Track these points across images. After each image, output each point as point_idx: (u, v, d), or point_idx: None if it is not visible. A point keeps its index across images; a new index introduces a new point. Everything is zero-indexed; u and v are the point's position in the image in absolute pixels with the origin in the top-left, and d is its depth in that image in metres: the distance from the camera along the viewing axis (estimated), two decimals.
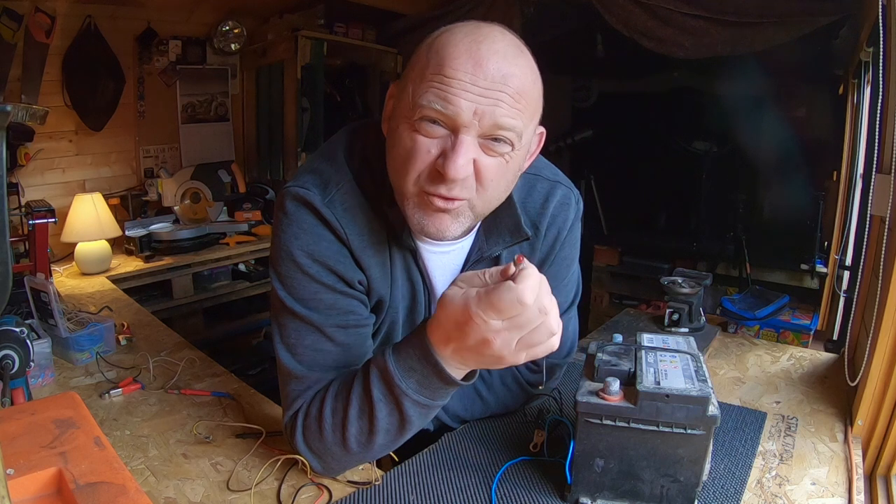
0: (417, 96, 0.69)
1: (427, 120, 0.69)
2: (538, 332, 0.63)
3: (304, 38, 2.78)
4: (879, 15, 1.12)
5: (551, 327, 0.64)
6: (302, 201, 0.78)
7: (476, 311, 0.62)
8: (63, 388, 1.16)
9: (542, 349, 0.65)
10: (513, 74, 0.68)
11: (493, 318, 0.62)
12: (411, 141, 0.70)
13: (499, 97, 0.67)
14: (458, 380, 0.71)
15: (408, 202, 0.74)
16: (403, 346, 0.73)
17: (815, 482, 0.85)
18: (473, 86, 0.67)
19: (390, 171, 0.77)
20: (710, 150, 3.38)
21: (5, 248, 0.49)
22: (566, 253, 0.94)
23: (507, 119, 0.68)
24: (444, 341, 0.68)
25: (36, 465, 0.62)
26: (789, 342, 2.29)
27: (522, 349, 0.64)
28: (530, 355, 0.65)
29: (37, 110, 0.86)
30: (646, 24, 2.33)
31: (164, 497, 0.81)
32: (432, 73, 0.68)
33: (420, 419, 0.76)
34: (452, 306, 0.65)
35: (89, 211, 2.15)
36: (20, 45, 2.16)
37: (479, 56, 0.67)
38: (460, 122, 0.67)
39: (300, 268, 0.78)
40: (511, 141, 0.71)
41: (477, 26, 0.70)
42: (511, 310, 0.61)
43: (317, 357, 0.80)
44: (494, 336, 0.63)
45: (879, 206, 1.09)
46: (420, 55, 0.72)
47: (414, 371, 0.71)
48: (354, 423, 0.76)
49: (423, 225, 0.75)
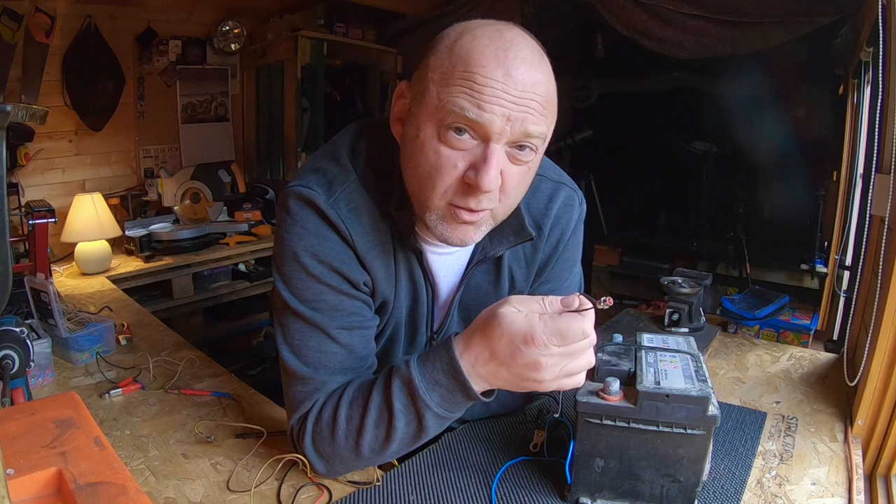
0: (445, 100, 0.67)
1: (454, 129, 0.68)
2: (580, 364, 0.68)
3: (304, 38, 2.78)
4: (879, 15, 1.12)
5: (590, 362, 0.70)
6: (306, 201, 0.77)
7: (541, 335, 0.64)
8: (63, 388, 1.16)
9: (574, 381, 0.69)
10: (539, 82, 0.68)
11: (555, 344, 0.65)
12: (436, 154, 0.69)
13: (529, 105, 0.67)
14: (480, 395, 0.72)
15: (431, 214, 0.74)
16: (429, 359, 0.73)
17: (815, 482, 0.85)
18: (506, 94, 0.66)
19: (409, 181, 0.76)
20: (710, 150, 3.38)
21: (5, 248, 0.49)
22: (569, 254, 0.94)
23: (535, 127, 0.69)
24: (484, 359, 0.69)
25: (36, 465, 0.62)
26: (789, 342, 2.29)
27: (562, 377, 0.68)
28: (561, 385, 0.68)
29: (37, 110, 0.86)
30: (646, 24, 2.33)
31: (164, 497, 0.81)
32: (460, 78, 0.67)
33: (435, 430, 0.76)
34: (513, 326, 0.66)
35: (89, 211, 2.15)
36: (20, 45, 2.16)
37: (508, 64, 0.66)
38: (493, 130, 0.67)
39: (305, 268, 0.78)
40: (536, 147, 0.71)
41: (499, 30, 0.69)
42: (575, 339, 0.65)
43: (321, 359, 0.80)
44: (547, 360, 0.65)
45: (879, 206, 1.09)
46: (441, 57, 0.70)
47: (439, 385, 0.72)
48: (371, 431, 0.75)
49: (447, 236, 0.75)
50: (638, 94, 3.76)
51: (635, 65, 3.22)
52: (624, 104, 3.82)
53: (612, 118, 3.81)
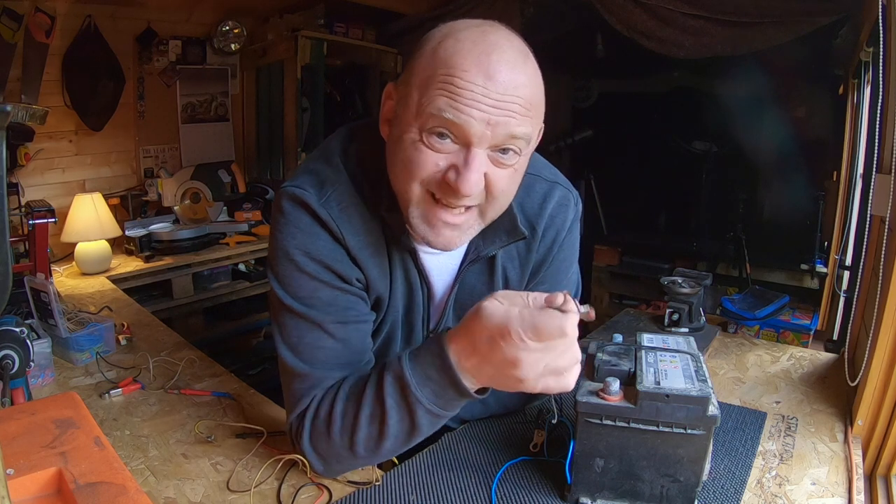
0: (426, 104, 0.67)
1: (436, 133, 0.68)
2: (560, 364, 0.64)
3: (304, 38, 2.78)
4: (879, 15, 1.12)
5: (573, 364, 0.65)
6: (298, 201, 0.78)
7: (517, 329, 0.62)
8: (63, 388, 1.16)
9: (560, 383, 0.65)
10: (522, 84, 0.68)
11: (531, 340, 0.62)
12: (417, 152, 0.69)
13: (511, 108, 0.67)
14: (472, 392, 0.71)
15: (413, 210, 0.74)
16: (421, 354, 0.73)
17: (815, 482, 0.85)
18: (485, 98, 0.66)
19: (393, 180, 0.76)
20: (710, 150, 3.38)
21: (5, 248, 0.49)
22: (565, 255, 0.94)
23: (518, 129, 0.68)
24: (468, 353, 0.68)
25: (36, 465, 0.62)
26: (789, 342, 2.29)
27: (546, 376, 0.65)
28: (548, 386, 0.65)
29: (37, 110, 0.86)
30: (646, 24, 2.33)
31: (164, 497, 0.81)
32: (441, 81, 0.67)
33: (429, 428, 0.76)
34: (491, 319, 0.65)
35: (89, 211, 2.15)
36: (20, 45, 2.16)
37: (490, 67, 0.66)
38: (472, 133, 0.67)
39: (297, 266, 0.78)
40: (520, 149, 0.71)
41: (482, 32, 0.69)
42: (551, 336, 0.62)
43: (318, 354, 0.80)
44: (526, 357, 0.63)
45: (879, 206, 1.09)
46: (423, 60, 0.70)
47: (430, 380, 0.71)
48: (364, 428, 0.75)
49: (429, 239, 0.75)
50: (638, 94, 3.76)
51: (635, 65, 3.23)
52: (624, 104, 3.82)
53: (612, 118, 3.81)
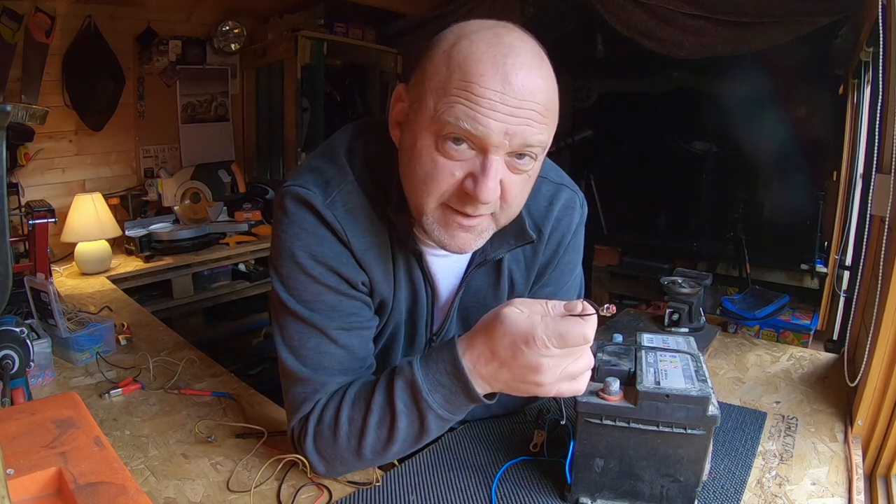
0: (441, 111, 0.66)
1: (452, 139, 0.67)
2: (578, 368, 0.67)
3: (304, 38, 2.78)
4: (879, 15, 1.12)
5: (588, 370, 0.69)
6: (302, 201, 0.77)
7: (541, 336, 0.64)
8: (63, 388, 1.16)
9: (573, 387, 0.69)
10: (539, 88, 0.67)
11: (555, 346, 0.65)
12: (433, 162, 0.69)
13: (528, 115, 0.66)
14: (482, 397, 0.71)
15: (427, 217, 0.73)
16: (432, 359, 0.73)
17: (815, 482, 0.85)
18: (503, 105, 0.65)
19: (406, 187, 0.75)
20: (710, 150, 3.38)
21: (5, 248, 0.49)
22: (570, 257, 0.94)
23: (536, 136, 0.68)
24: (486, 359, 0.69)
25: (36, 465, 0.62)
26: (789, 342, 2.29)
27: (562, 381, 0.67)
28: (561, 391, 0.68)
29: (37, 110, 0.86)
30: (646, 24, 2.33)
31: (164, 497, 0.81)
32: (457, 87, 0.65)
33: (437, 431, 0.76)
34: (515, 326, 0.66)
35: (89, 211, 2.15)
36: (20, 45, 2.16)
37: (507, 72, 0.64)
38: (491, 142, 0.66)
39: (303, 269, 0.77)
40: (536, 155, 0.70)
41: (497, 34, 0.67)
42: (575, 342, 0.65)
43: (321, 359, 0.79)
44: (547, 362, 0.65)
45: (879, 206, 1.09)
46: (437, 64, 0.68)
47: (442, 386, 0.71)
48: (373, 433, 0.75)
49: (445, 242, 0.74)
50: (638, 94, 3.76)
51: (635, 65, 3.23)
52: (624, 104, 3.82)
53: (612, 118, 3.81)
